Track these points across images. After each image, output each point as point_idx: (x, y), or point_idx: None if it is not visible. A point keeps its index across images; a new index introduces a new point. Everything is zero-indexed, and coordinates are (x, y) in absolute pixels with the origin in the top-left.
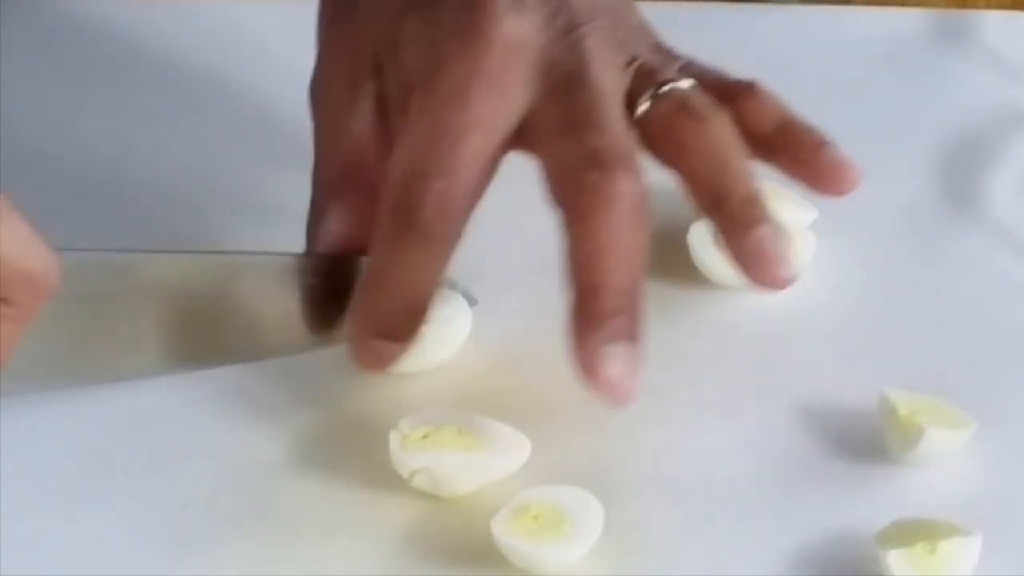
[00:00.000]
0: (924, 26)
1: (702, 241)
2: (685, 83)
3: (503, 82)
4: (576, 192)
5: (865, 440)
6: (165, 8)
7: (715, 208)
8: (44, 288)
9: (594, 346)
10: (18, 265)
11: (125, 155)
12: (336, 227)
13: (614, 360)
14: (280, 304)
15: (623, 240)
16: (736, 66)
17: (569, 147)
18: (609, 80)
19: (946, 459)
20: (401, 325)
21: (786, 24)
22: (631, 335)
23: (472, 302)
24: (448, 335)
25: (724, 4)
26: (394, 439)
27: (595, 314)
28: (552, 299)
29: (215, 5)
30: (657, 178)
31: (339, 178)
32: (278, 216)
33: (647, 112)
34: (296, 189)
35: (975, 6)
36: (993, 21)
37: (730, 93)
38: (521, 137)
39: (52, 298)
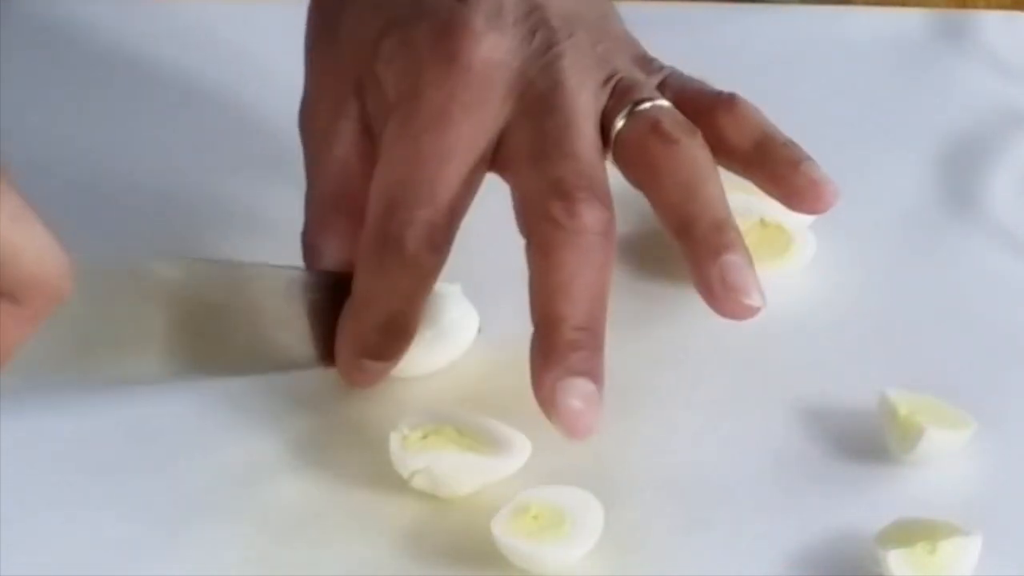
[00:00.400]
0: (924, 26)
1: None
2: (661, 101)
3: (480, 106)
4: (540, 223)
5: (865, 440)
6: (166, 10)
7: (682, 234)
8: (57, 293)
9: (553, 380)
10: (33, 268)
11: (123, 156)
12: (330, 257)
13: (572, 394)
14: (287, 320)
15: (585, 275)
16: (736, 66)
17: (536, 174)
18: (583, 101)
19: (946, 459)
20: (387, 346)
21: (786, 24)
22: (590, 371)
23: (479, 329)
24: (453, 339)
25: (724, 4)
26: (394, 439)
27: (554, 349)
28: None
29: (217, 7)
30: None
31: (329, 203)
32: (273, 223)
33: (620, 132)
34: (292, 197)
35: (975, 6)
36: (993, 21)
37: (710, 106)
38: (495, 159)
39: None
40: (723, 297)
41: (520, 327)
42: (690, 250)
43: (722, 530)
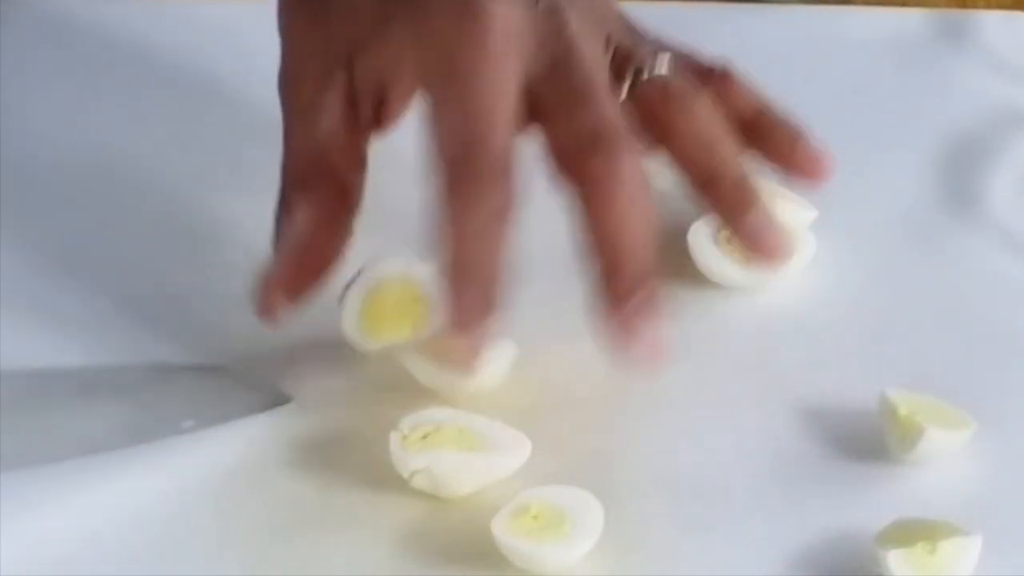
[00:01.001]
0: (924, 26)
1: (702, 241)
2: (665, 66)
3: (507, 63)
4: (583, 179)
5: (865, 440)
6: (166, 9)
7: (707, 189)
8: None
9: (624, 318)
10: None
11: (123, 155)
12: (302, 220)
13: (644, 327)
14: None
15: (634, 219)
16: (736, 66)
17: (569, 128)
18: (596, 60)
19: (946, 459)
20: (493, 297)
21: (786, 24)
22: (653, 306)
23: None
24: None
25: (724, 4)
26: (394, 439)
27: (620, 291)
28: (552, 300)
29: (218, 7)
30: (656, 181)
31: (307, 170)
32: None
33: (630, 95)
34: None
35: (975, 6)
36: (993, 21)
37: (704, 78)
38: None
39: None
40: (763, 247)
41: (519, 326)
42: (719, 206)
43: (722, 530)
